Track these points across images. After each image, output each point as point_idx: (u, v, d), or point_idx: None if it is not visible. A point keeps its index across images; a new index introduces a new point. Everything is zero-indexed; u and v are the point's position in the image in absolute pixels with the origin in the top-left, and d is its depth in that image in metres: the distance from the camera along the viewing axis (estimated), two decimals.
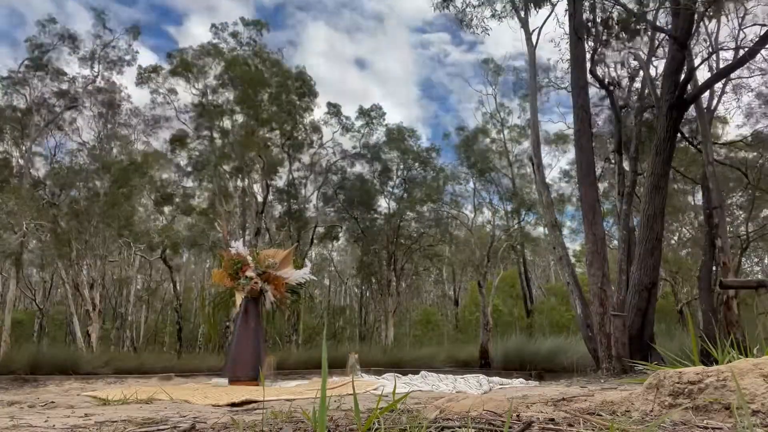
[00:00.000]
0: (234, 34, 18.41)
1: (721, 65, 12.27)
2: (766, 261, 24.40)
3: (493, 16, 12.93)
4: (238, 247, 5.66)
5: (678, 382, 1.36)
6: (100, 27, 17.25)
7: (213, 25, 18.64)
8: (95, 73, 17.34)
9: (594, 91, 12.64)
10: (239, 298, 5.45)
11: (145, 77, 18.10)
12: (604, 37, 10.12)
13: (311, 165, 19.95)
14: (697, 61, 11.72)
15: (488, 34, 13.39)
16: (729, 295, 9.69)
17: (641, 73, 12.31)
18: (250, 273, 5.37)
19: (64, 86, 16.89)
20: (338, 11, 52.13)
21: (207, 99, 18.06)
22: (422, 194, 18.99)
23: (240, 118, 18.14)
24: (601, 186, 14.13)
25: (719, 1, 8.51)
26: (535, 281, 28.89)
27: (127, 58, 17.77)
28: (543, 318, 21.20)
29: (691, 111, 11.32)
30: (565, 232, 20.87)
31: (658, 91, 9.28)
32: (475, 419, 1.25)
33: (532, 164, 11.71)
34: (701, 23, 11.24)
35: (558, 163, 44.48)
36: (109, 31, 17.37)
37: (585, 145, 9.01)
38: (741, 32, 12.15)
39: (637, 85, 12.88)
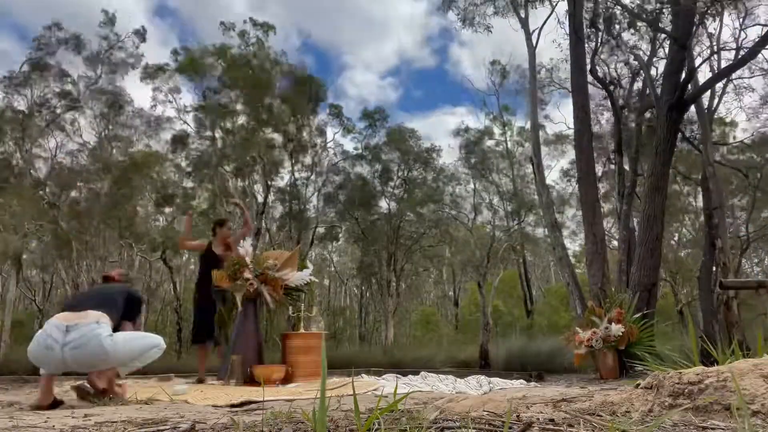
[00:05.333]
0: (242, 34, 18.42)
1: (722, 65, 12.28)
2: (766, 262, 24.40)
3: (496, 13, 12.95)
4: (245, 247, 5.67)
5: (678, 383, 1.36)
6: (108, 29, 17.30)
7: (222, 23, 18.66)
8: (98, 75, 17.37)
9: (594, 92, 12.65)
10: (237, 299, 5.45)
11: (151, 74, 18.12)
12: (605, 38, 10.13)
13: (312, 166, 19.96)
14: (697, 62, 11.73)
15: (491, 32, 13.38)
16: (729, 295, 9.70)
17: (642, 73, 12.32)
18: (246, 275, 5.37)
19: (67, 87, 16.93)
20: None
21: (210, 99, 18.09)
22: (423, 195, 19.00)
23: (242, 118, 18.16)
24: (601, 186, 14.13)
25: (719, 1, 8.51)
26: (535, 282, 28.90)
27: (131, 61, 17.82)
28: (543, 318, 21.19)
29: (692, 111, 11.33)
30: (565, 232, 20.88)
31: (659, 92, 9.28)
32: (475, 420, 1.25)
33: (532, 164, 11.72)
34: (702, 24, 11.24)
35: (558, 163, 44.47)
36: (115, 34, 17.44)
37: (585, 146, 9.02)
38: (742, 32, 12.17)
39: (638, 85, 12.89)
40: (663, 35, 10.90)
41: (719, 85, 12.82)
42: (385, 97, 52.40)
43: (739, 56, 10.52)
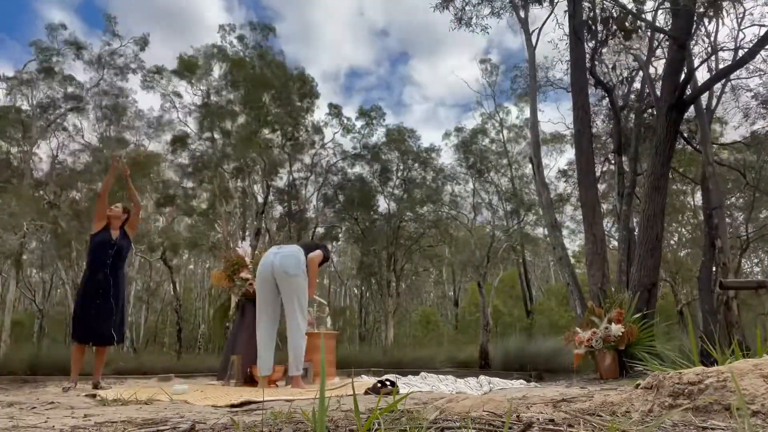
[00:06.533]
0: (240, 38, 18.46)
1: (721, 66, 12.28)
2: (766, 262, 24.41)
3: (492, 14, 12.85)
4: (244, 247, 5.65)
5: (678, 383, 1.36)
6: (110, 34, 17.35)
7: (221, 27, 18.72)
8: (100, 77, 17.43)
9: (594, 92, 12.63)
10: (236, 299, 5.45)
11: (149, 78, 18.18)
12: (604, 38, 10.11)
13: (312, 166, 19.96)
14: (696, 62, 11.73)
15: (487, 33, 13.31)
16: (729, 295, 9.70)
17: (641, 73, 12.32)
18: (245, 274, 5.36)
19: (70, 89, 16.97)
20: None
21: (210, 100, 18.10)
22: (422, 195, 18.99)
23: (242, 119, 18.17)
24: (601, 187, 14.12)
25: (719, 2, 8.50)
26: (534, 282, 28.90)
27: (133, 66, 17.89)
28: (543, 318, 21.20)
29: (691, 111, 11.32)
30: (565, 232, 20.88)
31: (658, 92, 9.28)
32: (475, 420, 1.25)
33: (532, 164, 11.71)
34: (701, 24, 11.23)
35: (557, 163, 44.56)
36: (118, 38, 17.50)
37: (585, 146, 9.01)
38: (740, 33, 12.17)
39: (637, 85, 12.89)
40: (662, 35, 10.91)
41: (718, 85, 12.82)
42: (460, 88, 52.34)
43: (738, 56, 10.52)
